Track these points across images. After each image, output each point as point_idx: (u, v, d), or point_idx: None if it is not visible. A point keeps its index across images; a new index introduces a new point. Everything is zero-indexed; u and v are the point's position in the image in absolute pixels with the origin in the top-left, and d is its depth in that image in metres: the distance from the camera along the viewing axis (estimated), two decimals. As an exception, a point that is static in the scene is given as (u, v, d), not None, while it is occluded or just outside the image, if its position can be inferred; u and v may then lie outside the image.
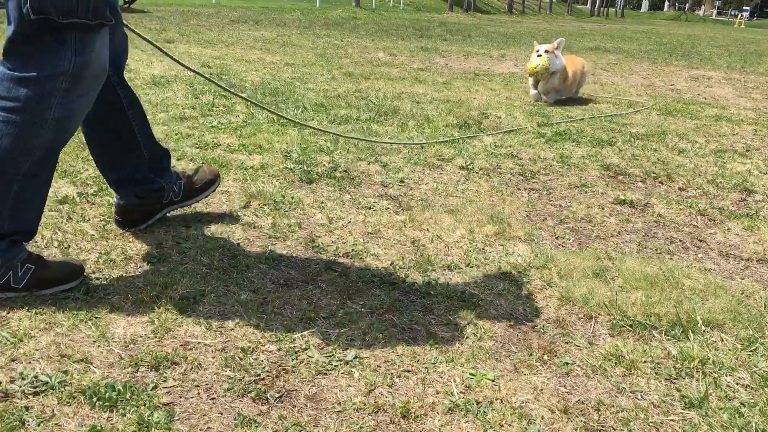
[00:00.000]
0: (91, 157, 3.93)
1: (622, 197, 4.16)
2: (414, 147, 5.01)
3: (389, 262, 2.99)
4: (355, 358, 2.23)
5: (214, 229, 3.19)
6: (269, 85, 7.27)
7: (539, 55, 6.98)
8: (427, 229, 3.42)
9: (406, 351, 2.29)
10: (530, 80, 7.49)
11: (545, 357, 2.32)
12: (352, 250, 3.09)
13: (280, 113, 3.88)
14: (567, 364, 2.29)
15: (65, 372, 2.00)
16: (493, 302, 2.70)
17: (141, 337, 2.23)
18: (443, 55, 12.57)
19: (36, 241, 2.85)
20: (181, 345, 2.21)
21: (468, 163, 4.66)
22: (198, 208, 3.42)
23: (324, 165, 4.34)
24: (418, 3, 37.78)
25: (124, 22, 2.83)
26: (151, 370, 2.06)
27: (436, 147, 5.02)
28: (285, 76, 8.22)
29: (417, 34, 17.69)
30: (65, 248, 2.82)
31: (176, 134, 4.77)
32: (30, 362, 2.04)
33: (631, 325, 2.57)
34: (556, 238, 3.46)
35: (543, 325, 2.55)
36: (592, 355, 2.36)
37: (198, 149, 4.45)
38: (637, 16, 64.62)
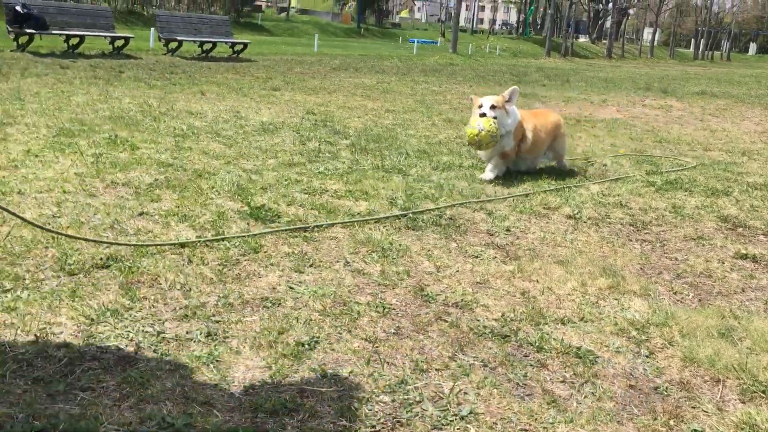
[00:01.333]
0: (208, 202, 4.11)
1: (744, 251, 3.94)
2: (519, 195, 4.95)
3: (500, 314, 2.94)
4: (471, 413, 2.19)
5: (325, 275, 3.24)
6: (371, 132, 7.41)
7: (482, 114, 5.16)
8: (537, 281, 3.35)
9: (523, 408, 2.23)
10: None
11: (671, 422, 2.20)
12: (462, 300, 3.06)
13: None
14: (696, 431, 2.16)
15: (190, 414, 2.07)
16: (611, 360, 2.59)
17: (259, 382, 2.28)
18: (543, 100, 12.47)
19: (160, 283, 2.98)
20: (297, 392, 2.24)
21: (575, 212, 4.56)
22: (309, 252, 3.50)
23: (429, 212, 4.36)
24: (515, 49, 37.87)
25: None
26: (269, 417, 2.10)
27: (541, 195, 4.94)
28: (386, 122, 8.37)
29: (515, 80, 17.67)
30: (187, 291, 2.94)
31: (286, 180, 4.92)
32: (157, 403, 2.11)
33: (764, 391, 2.40)
34: (675, 293, 3.30)
35: (666, 387, 2.42)
36: (723, 422, 2.22)
37: (307, 195, 4.56)
38: (744, 60, 62.14)
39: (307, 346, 2.53)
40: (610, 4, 54.04)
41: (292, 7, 54.87)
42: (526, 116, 5.57)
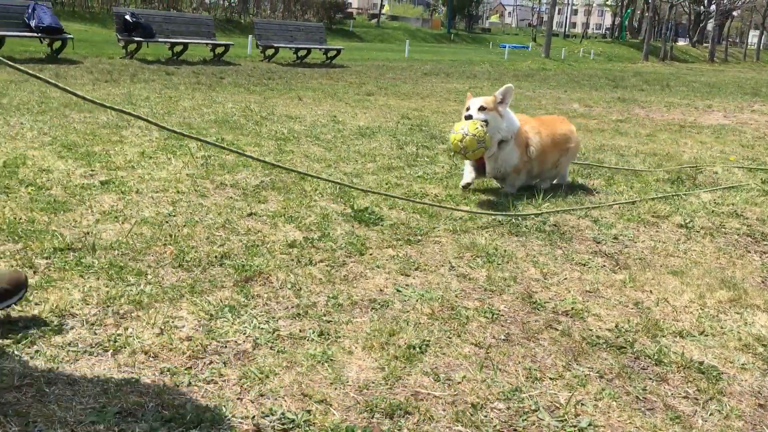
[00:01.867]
0: (312, 204, 4.19)
1: None
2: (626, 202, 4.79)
3: (613, 324, 2.85)
4: (590, 425, 2.12)
5: (431, 279, 3.24)
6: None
7: (467, 117, 4.51)
8: (651, 291, 3.23)
9: (645, 423, 2.14)
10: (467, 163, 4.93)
11: (808, 446, 2.07)
12: (572, 308, 2.99)
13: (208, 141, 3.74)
14: (837, 456, 2.02)
15: (308, 411, 2.10)
16: (737, 377, 2.46)
17: (373, 383, 2.29)
18: (642, 105, 12.06)
19: (272, 282, 3.06)
20: (412, 394, 2.24)
21: (687, 221, 4.37)
22: (413, 256, 3.50)
23: (532, 218, 4.28)
24: (610, 53, 36.82)
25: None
26: (386, 417, 2.10)
27: (649, 203, 4.77)
28: (482, 127, 8.29)
29: (611, 85, 17.18)
30: (297, 290, 3.00)
31: (386, 183, 4.96)
32: (276, 399, 2.16)
33: None
34: (802, 309, 3.11)
35: (800, 409, 2.27)
36: None
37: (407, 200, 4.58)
38: None
39: (418, 349, 2.53)
40: (713, 6, 51.68)
41: (383, 14, 55.41)
42: (531, 124, 4.86)
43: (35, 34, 12.78)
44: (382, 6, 55.43)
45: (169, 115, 7.42)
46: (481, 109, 4.56)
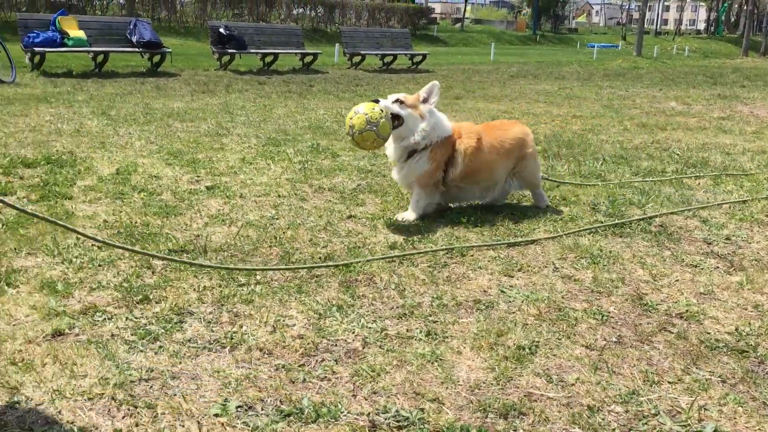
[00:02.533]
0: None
1: None
2: (737, 201, 4.57)
3: (733, 327, 2.72)
4: (715, 431, 2.03)
5: (535, 280, 3.19)
6: (561, 137, 7.23)
7: (375, 101, 3.81)
8: (771, 294, 3.06)
9: (776, 430, 2.03)
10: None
11: None
12: (686, 310, 2.87)
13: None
14: None
15: (422, 410, 2.11)
16: None
17: (484, 383, 2.28)
18: (745, 102, 11.49)
19: (376, 283, 3.09)
20: (525, 395, 2.21)
21: (806, 221, 4.12)
22: (515, 257, 3.46)
23: (636, 219, 4.14)
24: (705, 49, 35.30)
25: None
26: (500, 418, 2.09)
27: (762, 202, 4.53)
28: (575, 127, 8.12)
29: (709, 82, 16.46)
30: (401, 290, 3.01)
31: (482, 185, 4.93)
32: (389, 396, 2.18)
33: None
34: None
35: None
36: None
37: (506, 201, 4.52)
38: None
39: (528, 350, 2.49)
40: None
41: (467, 18, 55.18)
42: (469, 131, 4.09)
43: (136, 49, 13.43)
44: (465, 10, 55.23)
45: (264, 123, 7.64)
46: (398, 102, 3.89)
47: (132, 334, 2.50)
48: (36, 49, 11.94)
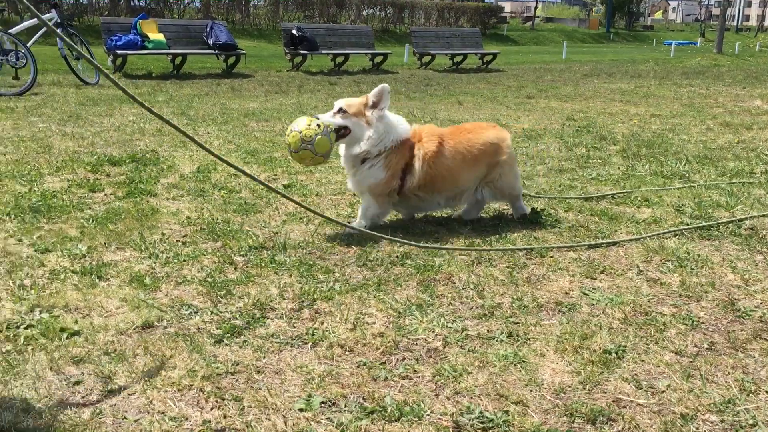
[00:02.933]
0: (487, 207, 4.14)
1: None
2: (832, 204, 4.33)
3: (835, 337, 2.57)
4: (821, 445, 1.92)
5: (619, 282, 3.10)
6: (641, 137, 7.01)
7: (315, 117, 3.55)
8: None
9: None
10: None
11: None
12: (783, 318, 2.73)
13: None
14: None
15: (506, 412, 2.07)
16: None
17: (570, 386, 2.22)
18: (838, 100, 10.89)
19: (454, 282, 3.06)
20: (613, 401, 2.14)
21: None
22: (597, 259, 3.37)
23: (726, 221, 3.97)
24: (792, 44, 33.62)
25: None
26: (587, 423, 2.03)
27: None
28: (654, 127, 7.87)
29: (797, 78, 15.68)
30: (480, 290, 2.98)
31: (559, 186, 4.82)
32: (472, 397, 2.15)
33: None
34: None
35: None
36: None
37: (584, 201, 4.42)
38: None
39: (614, 354, 2.42)
40: None
41: (537, 16, 54.37)
42: (431, 134, 3.76)
43: (213, 51, 13.78)
44: (536, 8, 54.40)
45: (337, 123, 7.70)
46: (341, 112, 3.61)
47: (217, 328, 2.55)
48: (118, 51, 12.40)
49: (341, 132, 3.59)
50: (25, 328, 2.46)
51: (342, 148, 3.71)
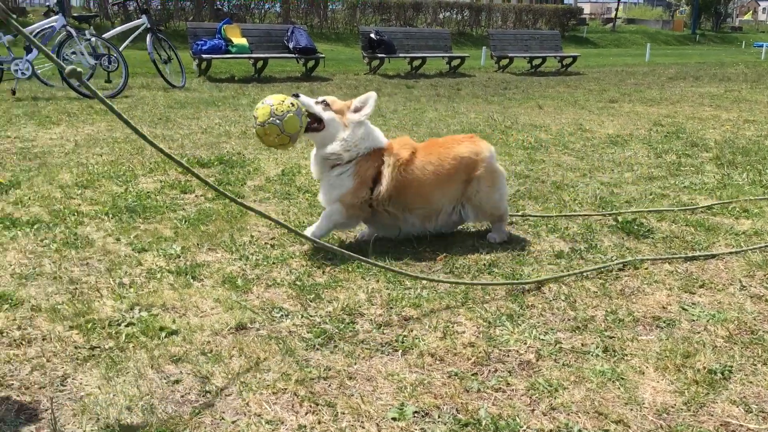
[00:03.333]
0: (571, 213, 4.04)
1: None
2: None
3: None
4: None
5: (720, 298, 2.95)
6: (735, 144, 6.70)
7: (296, 96, 3.33)
8: None
9: None
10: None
11: None
12: None
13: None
14: None
15: (605, 431, 2.00)
16: None
17: (673, 407, 2.12)
18: None
19: (544, 292, 2.99)
20: (721, 424, 2.04)
21: None
22: (694, 272, 3.22)
23: (833, 235, 3.75)
24: None
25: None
26: (694, 447, 1.93)
27: None
28: (749, 133, 7.51)
29: None
30: (572, 302, 2.90)
31: (650, 194, 4.66)
32: (569, 414, 2.09)
33: None
34: None
35: None
36: None
37: (677, 210, 4.25)
38: None
39: (720, 374, 2.30)
40: None
41: (618, 18, 52.94)
42: (404, 144, 3.57)
43: (293, 55, 14.03)
44: (617, 9, 52.91)
45: (417, 126, 7.69)
46: (323, 103, 3.44)
47: (308, 332, 2.57)
48: (203, 55, 12.78)
49: (314, 126, 3.39)
50: (126, 326, 2.55)
51: (313, 151, 3.52)
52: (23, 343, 2.41)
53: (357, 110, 3.46)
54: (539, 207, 4.34)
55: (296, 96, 3.30)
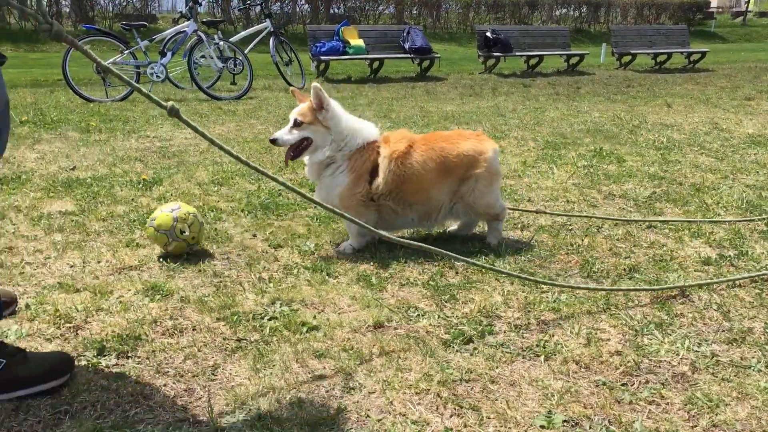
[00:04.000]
0: (716, 218, 3.80)
1: None
2: None
3: None
4: None
5: None
6: None
7: (272, 141, 3.35)
8: None
9: None
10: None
11: None
12: None
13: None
14: None
15: (779, 453, 1.84)
16: None
17: None
18: None
19: (693, 300, 2.81)
20: None
21: None
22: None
23: None
24: None
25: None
26: None
27: None
28: None
29: None
30: (725, 312, 2.71)
31: (803, 198, 4.31)
32: (728, 431, 1.94)
33: None
34: None
35: None
36: None
37: (837, 216, 3.91)
38: None
39: None
40: None
41: (749, 11, 49.68)
42: (401, 137, 3.45)
43: (408, 55, 14.09)
44: (748, 2, 49.65)
45: (538, 125, 7.51)
46: (297, 125, 3.32)
47: (445, 333, 2.54)
48: (322, 57, 13.07)
49: (304, 144, 3.34)
50: (269, 320, 2.61)
51: (306, 158, 3.43)
52: (176, 332, 2.52)
53: (321, 108, 3.30)
54: (679, 211, 4.11)
55: (273, 141, 3.30)
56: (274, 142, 3.30)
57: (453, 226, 3.75)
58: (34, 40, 20.47)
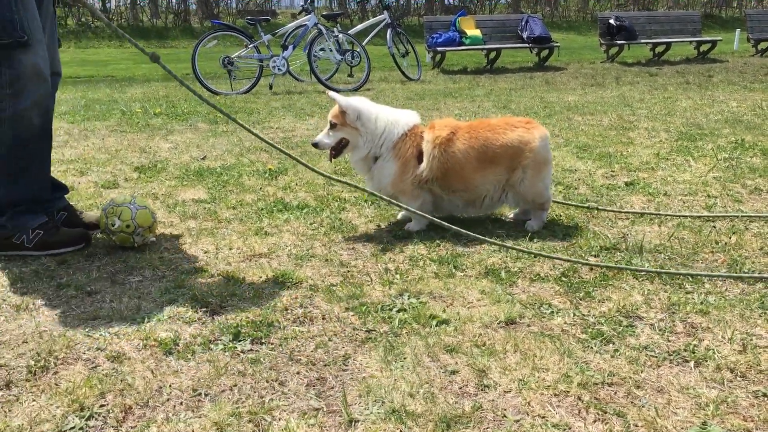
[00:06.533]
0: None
1: None
2: None
3: None
4: None
5: None
6: None
7: (314, 144, 3.53)
8: None
9: None
10: None
11: None
12: None
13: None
14: None
15: None
16: None
17: None
18: None
19: None
20: None
21: None
22: None
23: None
24: None
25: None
26: None
27: None
28: None
29: None
30: None
31: None
32: None
33: None
34: None
35: None
36: None
37: None
38: None
39: None
40: None
41: None
42: (445, 124, 3.50)
43: (526, 45, 13.75)
44: None
45: (670, 116, 7.09)
46: (333, 126, 3.45)
47: (582, 332, 2.41)
48: (438, 48, 12.99)
49: (342, 143, 3.48)
50: (398, 312, 2.58)
51: (349, 155, 3.59)
52: (306, 320, 2.54)
53: (344, 112, 3.42)
54: (838, 207, 3.74)
55: (316, 146, 3.50)
56: (315, 145, 3.49)
57: (510, 213, 3.78)
58: (165, 36, 21.66)
